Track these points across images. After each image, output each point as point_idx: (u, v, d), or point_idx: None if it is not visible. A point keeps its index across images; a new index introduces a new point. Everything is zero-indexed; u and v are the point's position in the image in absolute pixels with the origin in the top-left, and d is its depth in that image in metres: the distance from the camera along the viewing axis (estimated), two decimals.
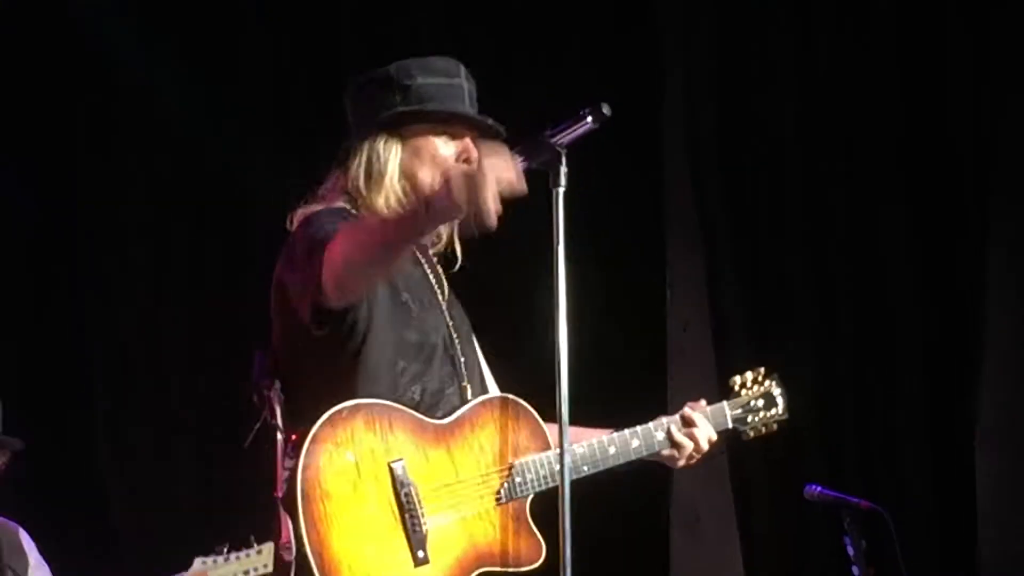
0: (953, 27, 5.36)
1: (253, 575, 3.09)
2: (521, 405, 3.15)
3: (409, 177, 3.21)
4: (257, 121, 6.46)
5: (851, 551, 4.28)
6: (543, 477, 3.11)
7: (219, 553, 3.19)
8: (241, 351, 6.20)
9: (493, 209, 2.75)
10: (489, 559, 3.03)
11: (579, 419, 3.03)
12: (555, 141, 3.03)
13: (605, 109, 3.02)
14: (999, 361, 5.20)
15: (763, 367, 3.56)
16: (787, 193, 5.62)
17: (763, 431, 3.54)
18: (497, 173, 2.76)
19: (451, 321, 3.23)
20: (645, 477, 3.58)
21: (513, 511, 3.08)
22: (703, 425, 3.40)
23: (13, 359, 6.22)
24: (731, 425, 3.49)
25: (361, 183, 3.20)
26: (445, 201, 2.81)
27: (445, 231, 3.30)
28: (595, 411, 3.28)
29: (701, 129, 5.76)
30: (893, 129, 5.44)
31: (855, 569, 4.25)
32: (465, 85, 3.27)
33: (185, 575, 3.28)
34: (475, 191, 2.75)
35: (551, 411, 3.05)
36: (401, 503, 2.94)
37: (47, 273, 6.63)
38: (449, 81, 3.26)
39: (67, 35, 6.50)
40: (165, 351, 6.62)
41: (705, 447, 3.41)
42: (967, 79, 5.32)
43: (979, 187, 5.27)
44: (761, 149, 5.66)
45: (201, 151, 6.50)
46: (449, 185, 2.81)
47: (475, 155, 3.22)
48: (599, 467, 3.25)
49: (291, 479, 2.86)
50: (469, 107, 3.27)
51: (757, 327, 5.62)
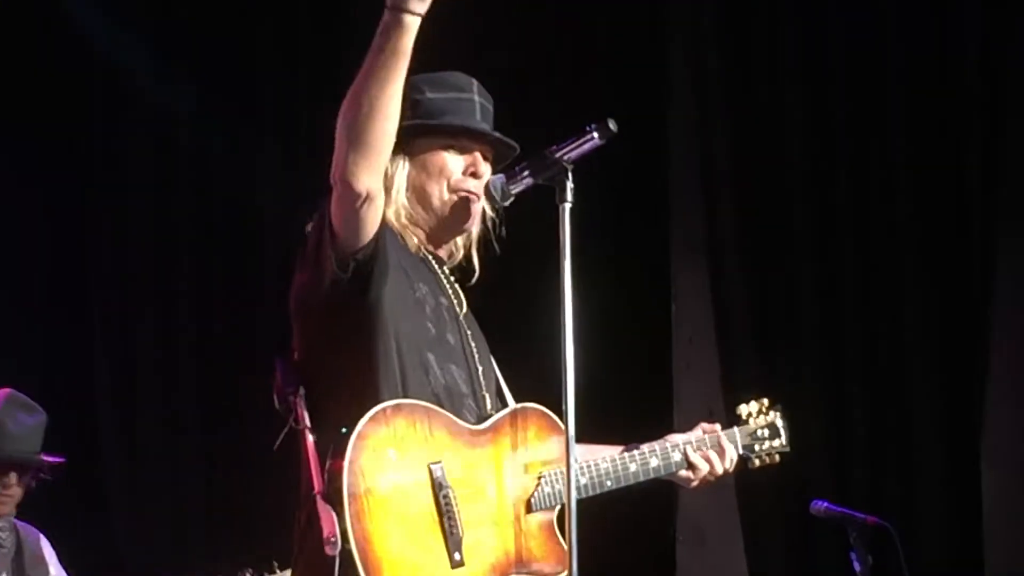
0: (962, 39, 5.36)
1: None
2: (551, 417, 3.15)
3: (416, 190, 3.20)
4: (266, 132, 6.48)
5: (857, 567, 4.27)
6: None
7: None
8: (246, 356, 6.30)
9: None
10: (520, 566, 3.04)
11: (586, 431, 3.03)
12: (561, 157, 3.03)
13: (611, 125, 3.01)
14: (1006, 379, 5.20)
15: (767, 398, 3.58)
16: (794, 205, 5.62)
17: (767, 461, 3.56)
18: None
19: (468, 331, 3.23)
20: (651, 494, 3.58)
21: (542, 520, 3.09)
22: (728, 448, 3.42)
23: (21, 365, 6.25)
24: (741, 452, 3.50)
25: None
26: None
27: (462, 243, 3.29)
28: (601, 423, 3.28)
29: (707, 142, 5.76)
30: (901, 144, 5.44)
31: None
32: (477, 99, 3.26)
33: None
34: None
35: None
36: (439, 504, 2.94)
37: (56, 280, 6.66)
38: (459, 95, 3.24)
39: (77, 46, 6.54)
40: (172, 357, 6.66)
41: (720, 471, 3.42)
42: (975, 88, 5.32)
43: (987, 209, 5.27)
44: (767, 162, 5.66)
45: (210, 162, 6.53)
46: None
47: (482, 168, 3.23)
48: (621, 483, 3.25)
49: (336, 474, 2.85)
50: (481, 122, 3.25)
51: (763, 340, 5.62)
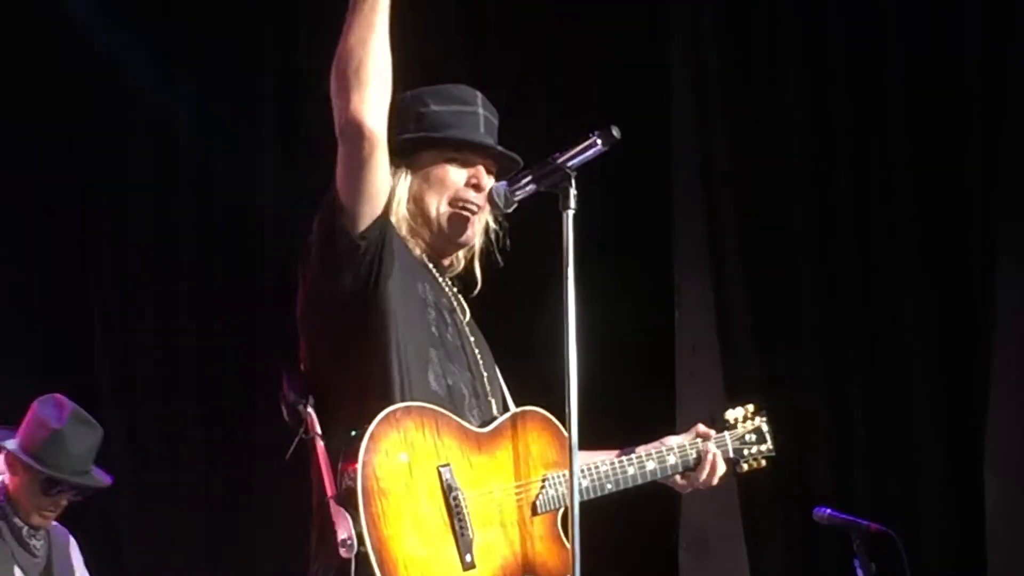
0: (962, 39, 5.37)
1: None
2: (552, 421, 3.16)
3: (418, 202, 3.20)
4: (266, 132, 6.49)
5: (861, 573, 4.28)
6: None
7: None
8: (246, 356, 6.31)
9: None
10: (528, 568, 3.05)
11: (588, 437, 3.03)
12: (564, 163, 3.03)
13: (615, 132, 3.02)
14: (1007, 381, 5.20)
15: (751, 404, 3.61)
16: (794, 208, 5.62)
17: (754, 465, 3.58)
18: None
19: (472, 338, 3.24)
20: (654, 499, 3.59)
21: (547, 523, 3.10)
22: (719, 452, 3.43)
23: (21, 366, 6.26)
24: (732, 455, 3.52)
25: None
26: None
27: (463, 254, 3.30)
28: (604, 430, 3.28)
29: (710, 150, 5.77)
30: (901, 144, 5.44)
31: None
32: (482, 112, 3.26)
33: None
34: None
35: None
36: (450, 506, 2.95)
37: (56, 280, 6.67)
38: (462, 108, 3.25)
39: (77, 46, 6.55)
40: (172, 357, 6.67)
41: (714, 475, 3.42)
42: (975, 87, 5.32)
43: (987, 209, 5.27)
44: (770, 169, 5.66)
45: (209, 162, 6.55)
46: None
47: (485, 181, 3.23)
48: (620, 487, 3.26)
49: (350, 477, 2.86)
50: (484, 134, 3.25)
51: (766, 348, 5.62)
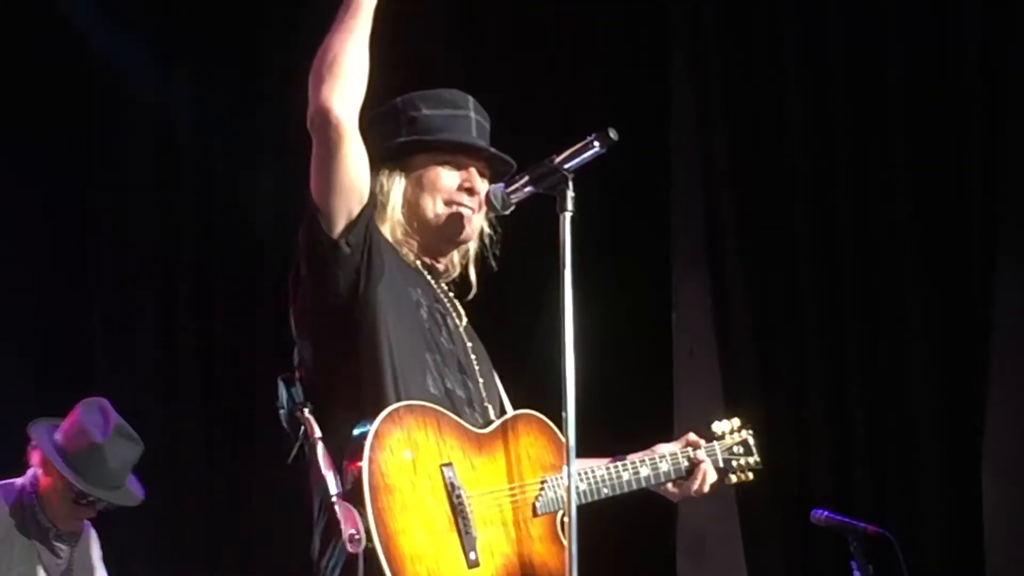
0: (962, 39, 5.36)
1: None
2: (549, 425, 3.17)
3: (411, 206, 3.22)
4: (266, 133, 6.49)
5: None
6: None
7: None
8: (246, 356, 6.30)
9: None
10: (529, 568, 3.06)
11: (586, 440, 3.04)
12: (562, 165, 3.04)
13: (612, 134, 3.03)
14: (1007, 382, 5.20)
15: (737, 418, 3.63)
16: (794, 210, 5.62)
17: (742, 478, 3.60)
18: None
19: (469, 343, 3.24)
20: (651, 502, 3.59)
21: (546, 524, 3.11)
22: (709, 461, 3.45)
23: (21, 366, 6.27)
24: (721, 465, 3.54)
25: None
26: None
27: (458, 260, 3.30)
28: (601, 434, 3.28)
29: (709, 150, 5.77)
30: (901, 144, 5.44)
31: None
32: (473, 116, 3.27)
33: None
34: None
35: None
36: (453, 505, 2.96)
37: (56, 280, 6.67)
38: (454, 112, 3.26)
39: (76, 46, 6.55)
40: (172, 358, 6.67)
41: (708, 483, 3.44)
42: (975, 88, 5.32)
43: (988, 209, 5.27)
44: (769, 170, 5.66)
45: (209, 162, 6.54)
46: None
47: (478, 184, 3.24)
48: (615, 491, 3.27)
49: (356, 473, 2.87)
50: (477, 138, 3.27)
51: (764, 349, 5.62)
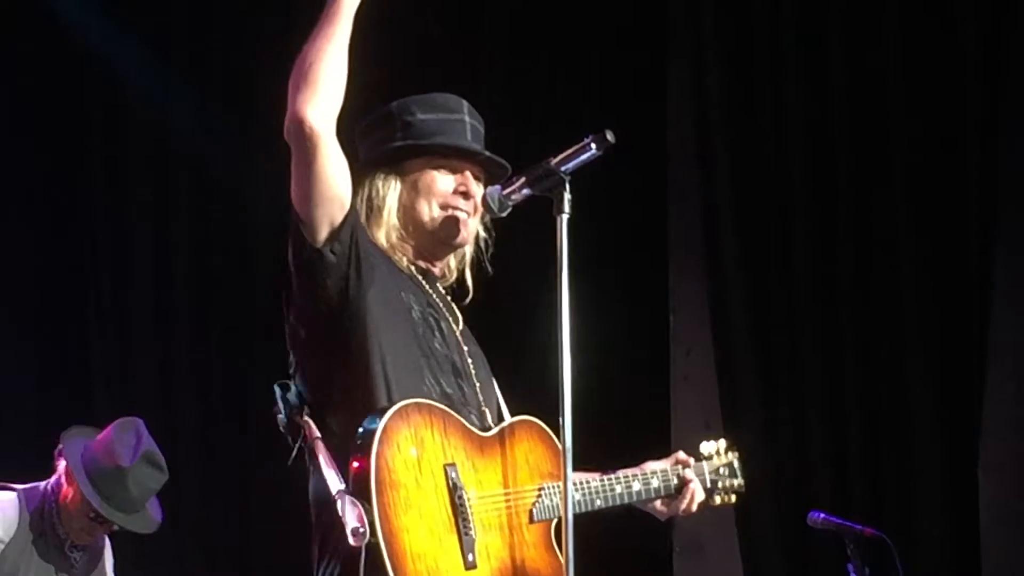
0: (964, 37, 5.36)
1: None
2: (548, 433, 3.18)
3: (407, 210, 3.22)
4: (266, 133, 6.49)
5: None
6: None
7: None
8: (246, 355, 6.31)
9: None
10: (523, 574, 3.06)
11: (584, 441, 3.04)
12: (559, 167, 3.04)
13: (609, 136, 3.03)
14: (1004, 391, 5.20)
15: (724, 440, 3.63)
16: (793, 217, 5.61)
17: (726, 500, 3.62)
18: None
19: (465, 348, 3.24)
20: None
21: (541, 531, 3.11)
22: (696, 480, 3.45)
23: (21, 364, 6.28)
24: (708, 486, 3.54)
25: (363, 218, 3.20)
26: None
27: (455, 264, 3.31)
28: (599, 435, 3.30)
29: (707, 153, 5.76)
30: (902, 155, 5.44)
31: None
32: (468, 120, 3.28)
33: None
34: None
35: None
36: (455, 505, 2.96)
37: (56, 279, 6.68)
38: (449, 116, 3.26)
39: (78, 48, 6.57)
40: (172, 357, 6.68)
41: (696, 502, 3.45)
42: (978, 91, 5.32)
43: (987, 218, 5.27)
44: (767, 173, 5.66)
45: (209, 163, 6.55)
46: None
47: (473, 188, 3.24)
48: (608, 504, 3.28)
49: (364, 468, 2.87)
50: (471, 142, 3.27)
51: (761, 353, 5.62)
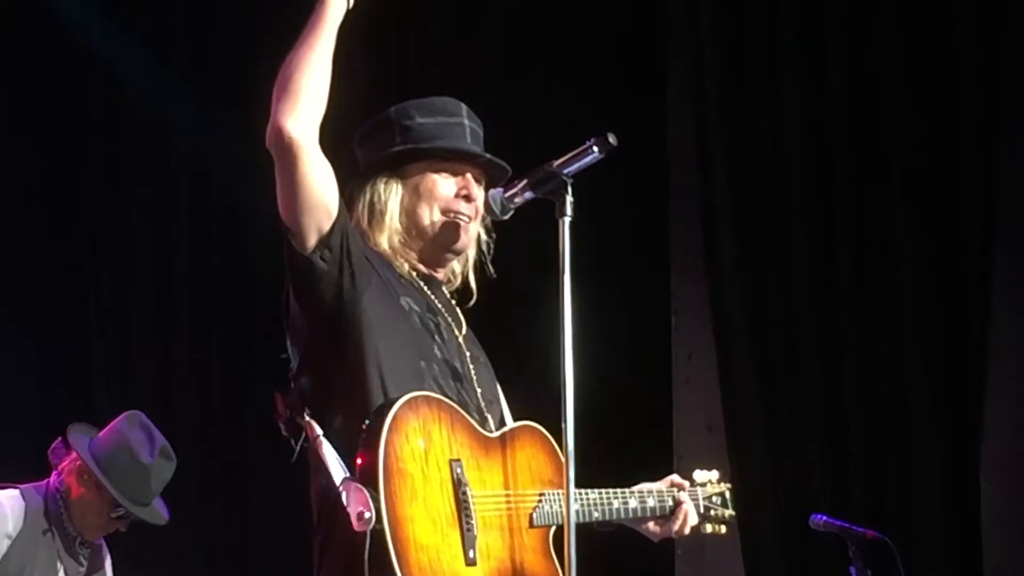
0: (963, 37, 5.36)
1: None
2: (551, 441, 3.19)
3: (408, 214, 3.22)
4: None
5: None
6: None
7: None
8: (246, 355, 6.31)
9: None
10: (520, 575, 3.06)
11: (585, 443, 3.04)
12: (561, 170, 3.05)
13: (611, 139, 3.04)
14: (1005, 391, 5.20)
15: (716, 470, 3.64)
16: (794, 220, 5.61)
17: (717, 530, 3.62)
18: None
19: (468, 353, 3.24)
20: None
21: (540, 537, 3.12)
22: (691, 504, 3.46)
23: (20, 364, 6.28)
24: (701, 511, 3.55)
25: (365, 223, 3.22)
26: None
27: (459, 268, 3.31)
28: (600, 438, 3.30)
29: (708, 155, 5.77)
30: (900, 156, 5.44)
31: None
32: (467, 123, 3.28)
33: None
34: None
35: (557, 438, 3.08)
36: (459, 500, 2.96)
37: (56, 279, 6.69)
38: (449, 120, 3.27)
39: (78, 48, 6.58)
40: (172, 357, 6.69)
41: (689, 525, 3.45)
42: (978, 93, 5.31)
43: (986, 219, 5.26)
44: (768, 176, 5.66)
45: (209, 163, 6.56)
46: None
47: (475, 191, 3.24)
48: (605, 516, 3.28)
49: (372, 455, 2.87)
50: (471, 144, 3.28)
51: (762, 354, 5.62)
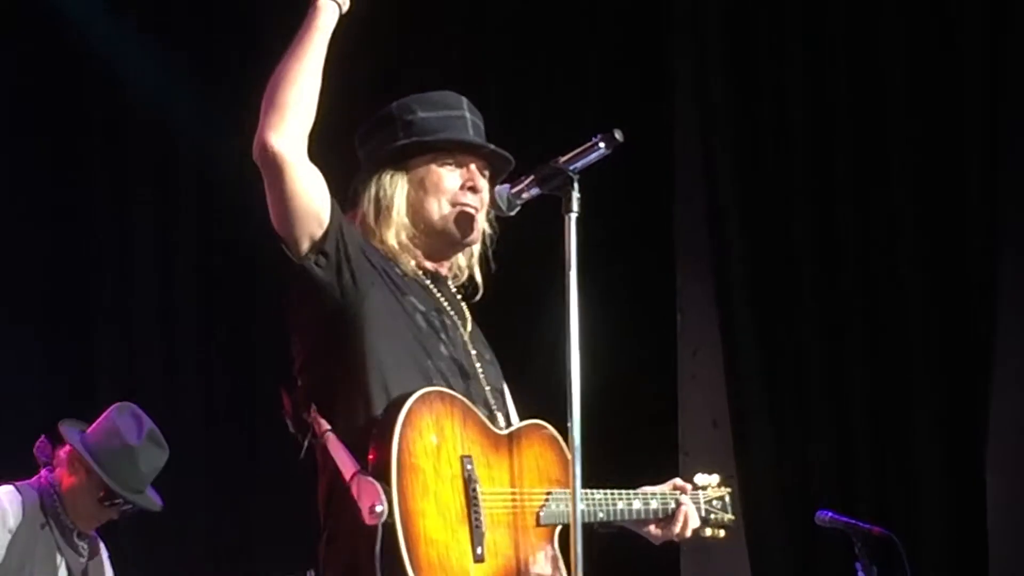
0: (964, 37, 5.35)
1: None
2: (558, 440, 3.18)
3: (416, 209, 3.21)
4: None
5: None
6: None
7: None
8: (246, 356, 6.31)
9: None
10: (526, 572, 3.06)
11: (591, 441, 3.03)
12: (567, 166, 3.04)
13: (617, 135, 3.03)
14: (1009, 387, 5.20)
15: (717, 475, 3.62)
16: (798, 216, 5.62)
17: (715, 533, 3.60)
18: None
19: (473, 351, 3.24)
20: None
21: (545, 536, 3.11)
22: (692, 507, 3.44)
23: (20, 365, 6.28)
24: (703, 515, 3.53)
25: (371, 219, 3.21)
26: None
27: (465, 262, 3.31)
28: (606, 436, 3.29)
29: (713, 153, 5.77)
30: (904, 154, 5.44)
31: None
32: (468, 116, 3.28)
33: None
34: None
35: (563, 435, 3.08)
36: (469, 497, 2.96)
37: (56, 280, 6.68)
38: (450, 113, 3.27)
39: (77, 48, 6.57)
40: (172, 358, 6.68)
41: (690, 528, 3.44)
42: (978, 93, 5.31)
43: (989, 218, 5.26)
44: (773, 173, 5.66)
45: (211, 163, 6.55)
46: None
47: (480, 183, 3.24)
48: (609, 517, 3.27)
49: (385, 449, 2.87)
50: (473, 136, 3.27)
51: (768, 351, 5.62)
